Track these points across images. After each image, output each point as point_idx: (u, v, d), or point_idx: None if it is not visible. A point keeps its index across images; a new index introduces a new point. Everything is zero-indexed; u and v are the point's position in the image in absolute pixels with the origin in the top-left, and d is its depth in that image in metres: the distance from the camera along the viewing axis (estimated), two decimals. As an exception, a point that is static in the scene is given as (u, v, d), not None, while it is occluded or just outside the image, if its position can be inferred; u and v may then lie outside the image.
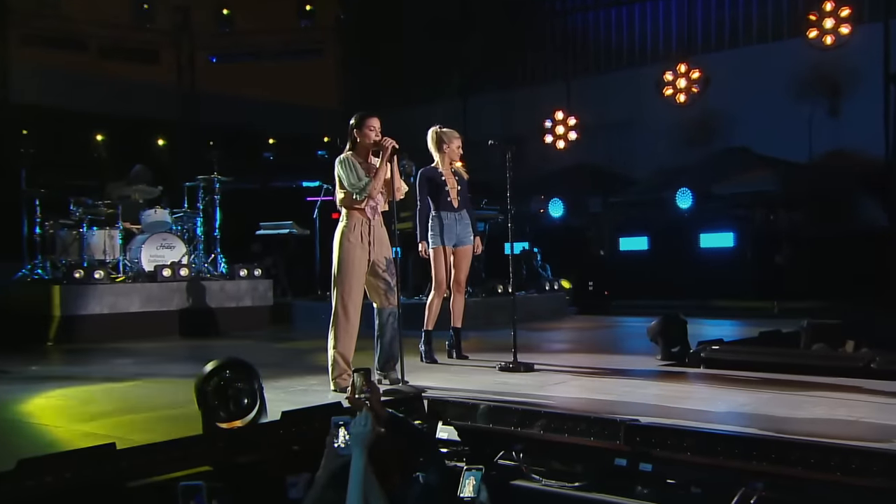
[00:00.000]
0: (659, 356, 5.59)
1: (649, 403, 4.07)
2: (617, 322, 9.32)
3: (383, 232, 4.84)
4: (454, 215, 5.90)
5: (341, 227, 4.77)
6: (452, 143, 5.88)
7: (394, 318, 4.77)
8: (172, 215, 9.02)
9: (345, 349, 4.68)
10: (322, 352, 4.92)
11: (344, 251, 4.70)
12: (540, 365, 5.39)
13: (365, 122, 4.77)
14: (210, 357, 3.73)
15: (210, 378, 3.53)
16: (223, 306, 8.66)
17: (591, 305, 10.62)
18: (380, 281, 4.76)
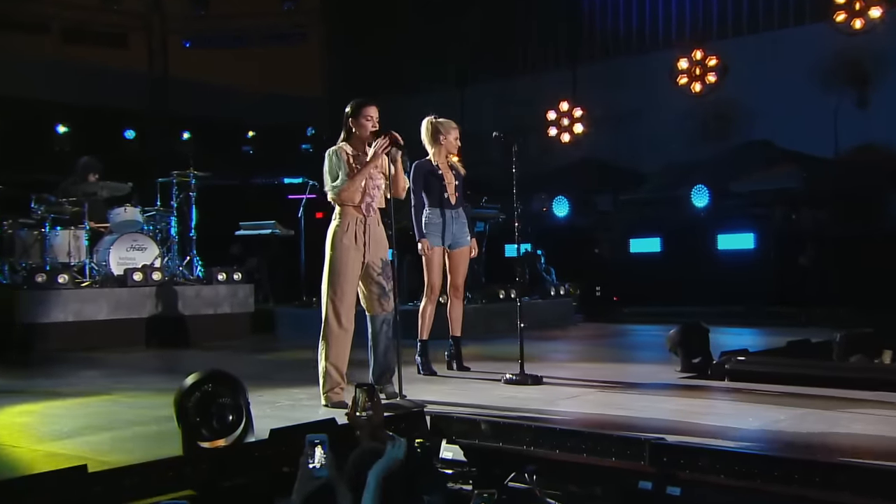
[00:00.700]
0: (678, 368, 5.57)
1: (672, 420, 4.03)
2: (628, 330, 9.33)
3: (380, 231, 4.80)
4: (451, 213, 5.85)
5: (334, 225, 4.72)
6: (450, 134, 5.83)
7: (388, 325, 4.73)
8: (144, 214, 8.97)
9: (337, 360, 4.64)
10: (310, 363, 4.87)
11: (336, 252, 4.65)
12: (549, 377, 5.36)
13: (362, 110, 4.72)
14: (186, 369, 3.67)
15: (191, 392, 3.48)
16: (200, 313, 8.62)
17: (599, 312, 10.61)
18: (373, 285, 4.71)
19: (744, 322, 9.08)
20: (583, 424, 3.82)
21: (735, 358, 5.20)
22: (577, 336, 8.68)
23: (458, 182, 5.87)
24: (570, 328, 9.41)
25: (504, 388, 5.16)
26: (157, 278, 8.44)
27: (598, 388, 5.09)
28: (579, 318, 10.07)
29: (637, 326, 9.54)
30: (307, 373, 5.78)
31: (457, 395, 4.90)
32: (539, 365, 5.91)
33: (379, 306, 4.72)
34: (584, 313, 10.28)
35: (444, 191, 5.81)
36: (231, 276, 9.01)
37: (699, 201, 11.08)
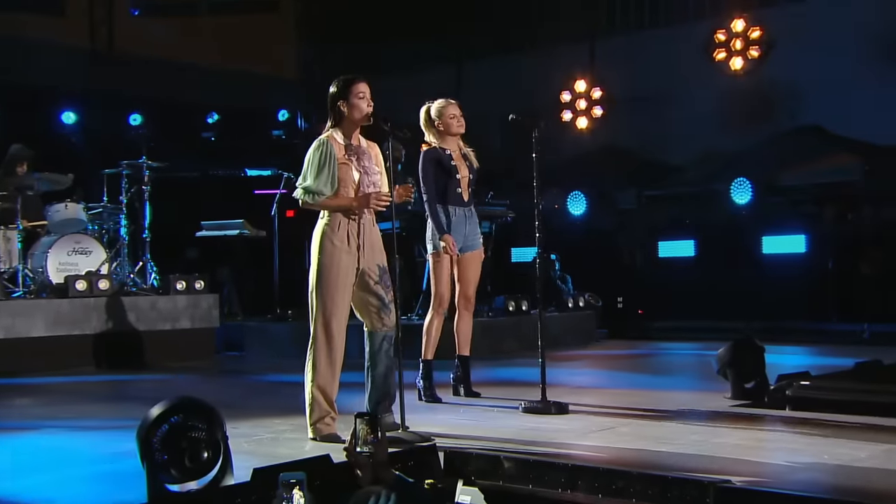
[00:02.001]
0: (728, 394, 5.53)
1: (732, 457, 3.96)
2: (660, 349, 9.33)
3: (376, 234, 4.74)
4: (464, 211, 5.79)
5: (322, 225, 4.66)
6: (445, 112, 5.76)
7: (389, 343, 4.67)
8: (88, 212, 8.93)
9: (326, 384, 4.58)
10: (289, 387, 4.82)
11: (325, 256, 4.59)
12: (575, 405, 5.33)
13: (351, 88, 4.63)
14: (141, 395, 3.60)
15: (158, 424, 3.40)
16: (155, 329, 8.60)
17: (624, 328, 10.57)
18: (371, 296, 4.65)
19: (795, 339, 9.07)
20: (628, 463, 3.74)
21: (797, 383, 5.14)
22: (601, 356, 8.66)
23: (471, 175, 5.81)
24: (591, 346, 9.40)
25: (523, 418, 5.11)
26: (104, 287, 8.40)
27: (635, 418, 5.04)
28: (602, 334, 10.06)
29: (670, 344, 9.55)
30: (288, 399, 5.79)
31: (468, 427, 4.85)
32: (560, 390, 5.87)
33: (379, 321, 4.66)
34: (608, 329, 10.23)
35: (455, 185, 5.72)
36: (192, 284, 8.98)
37: (740, 197, 11.07)
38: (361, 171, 4.65)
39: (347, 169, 4.61)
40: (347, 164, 4.62)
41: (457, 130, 5.78)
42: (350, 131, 4.67)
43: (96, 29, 13.99)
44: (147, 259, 9.09)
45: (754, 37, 11.81)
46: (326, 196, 4.57)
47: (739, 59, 11.82)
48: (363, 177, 4.65)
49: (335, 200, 4.58)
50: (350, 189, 4.62)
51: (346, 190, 4.61)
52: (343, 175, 4.59)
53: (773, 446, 4.32)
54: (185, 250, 11.33)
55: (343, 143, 4.65)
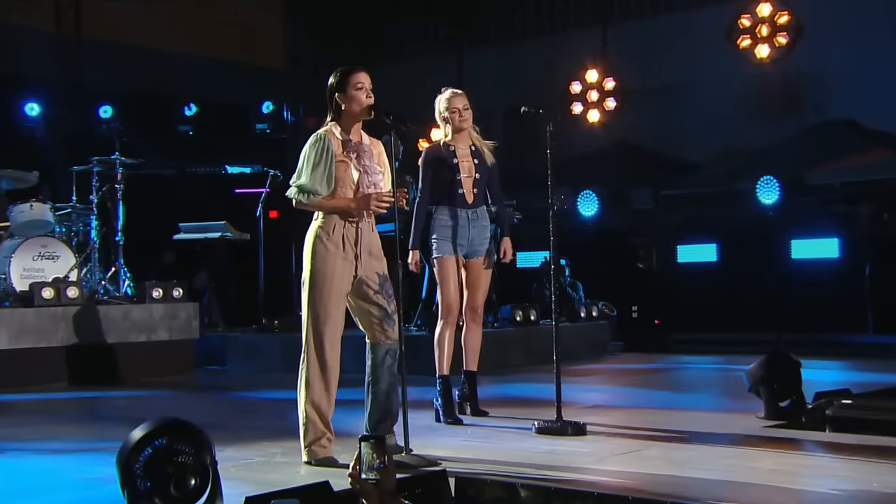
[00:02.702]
0: (761, 413, 5.51)
1: (769, 484, 3.95)
2: (681, 363, 9.35)
3: (375, 239, 4.71)
4: (467, 214, 5.76)
5: (315, 227, 4.64)
6: (448, 104, 5.75)
7: (392, 358, 4.65)
8: (55, 212, 8.90)
9: (321, 402, 4.57)
10: (279, 405, 4.80)
11: (318, 262, 4.57)
12: (593, 425, 5.31)
13: (349, 79, 4.62)
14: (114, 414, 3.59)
15: (140, 448, 3.37)
16: (129, 341, 8.58)
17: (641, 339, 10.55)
18: (372, 306, 4.63)
19: (828, 352, 9.06)
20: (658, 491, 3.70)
21: (838, 401, 5.10)
22: (617, 371, 8.66)
23: (479, 174, 5.78)
24: (606, 360, 9.39)
25: (537, 440, 5.10)
26: (72, 295, 8.36)
27: (660, 440, 5.03)
28: (617, 346, 10.06)
29: (691, 358, 9.57)
30: (278, 419, 5.81)
31: (477, 449, 4.84)
32: (575, 408, 5.89)
33: (381, 333, 4.64)
34: (624, 341, 10.23)
35: (457, 185, 5.71)
36: (169, 292, 8.97)
37: (766, 197, 11.03)
38: (361, 170, 4.62)
39: (346, 167, 4.58)
40: (346, 162, 4.59)
41: (458, 125, 5.76)
42: (349, 126, 4.64)
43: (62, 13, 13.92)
44: (120, 264, 9.05)
45: (782, 22, 11.79)
46: (322, 196, 4.54)
47: (766, 46, 11.81)
48: (363, 176, 4.62)
49: (331, 201, 4.56)
50: (348, 189, 4.59)
51: (344, 190, 4.58)
52: (341, 173, 4.56)
53: (813, 472, 4.28)
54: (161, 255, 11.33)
55: (343, 139, 4.62)
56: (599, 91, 13.13)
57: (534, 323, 9.30)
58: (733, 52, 12.14)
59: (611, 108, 13.09)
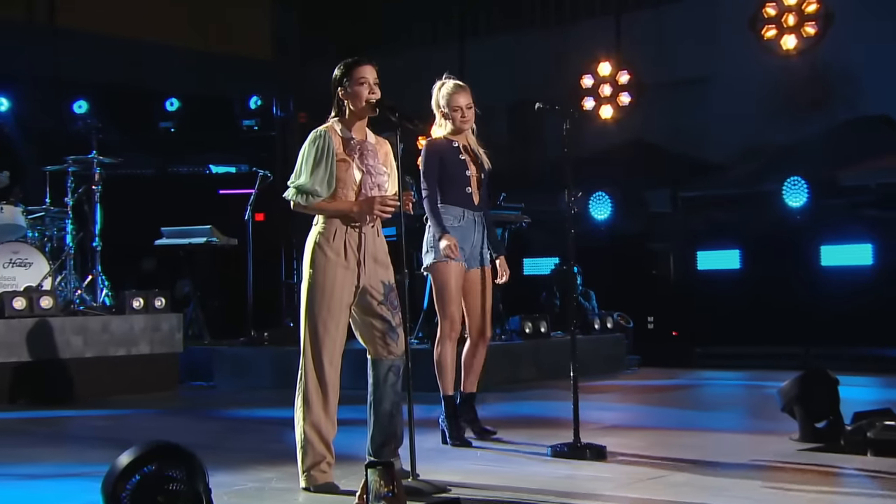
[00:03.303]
0: (796, 435, 5.50)
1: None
2: (702, 379, 9.41)
3: (380, 245, 4.71)
4: (474, 216, 5.70)
5: (315, 234, 4.64)
6: (450, 101, 5.66)
7: (396, 375, 4.65)
8: (27, 216, 8.93)
9: (320, 423, 4.56)
10: (272, 425, 4.79)
11: (318, 271, 4.56)
12: (614, 448, 5.32)
13: (353, 73, 4.63)
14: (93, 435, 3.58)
15: (128, 475, 3.38)
16: (107, 355, 8.57)
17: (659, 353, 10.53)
18: (374, 319, 4.63)
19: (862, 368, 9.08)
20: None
21: (879, 423, 5.07)
22: (635, 387, 8.68)
23: (482, 175, 5.74)
24: (622, 375, 9.39)
25: (554, 464, 5.10)
26: (46, 306, 8.35)
27: (687, 465, 5.00)
28: (634, 360, 10.07)
29: (714, 374, 9.61)
30: (272, 440, 5.84)
31: (489, 474, 4.83)
32: (592, 429, 5.90)
33: (384, 348, 4.63)
34: (641, 354, 10.24)
35: (464, 183, 5.64)
36: (151, 302, 8.96)
37: (793, 200, 11.00)
38: (364, 171, 4.61)
39: (347, 167, 4.58)
40: (347, 162, 4.58)
41: (459, 126, 5.69)
42: (352, 123, 4.65)
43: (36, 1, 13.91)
44: (98, 272, 9.07)
45: (810, 10, 11.75)
46: (322, 197, 4.53)
47: (792, 36, 11.75)
48: (366, 177, 4.62)
49: (332, 204, 4.55)
50: (350, 191, 4.59)
51: (346, 191, 4.58)
52: (342, 174, 4.56)
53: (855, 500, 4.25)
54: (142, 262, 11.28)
55: (345, 137, 4.62)
56: (613, 85, 13.07)
57: (544, 335, 9.30)
58: (757, 43, 12.11)
59: (625, 103, 13.02)
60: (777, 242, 11.22)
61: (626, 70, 13.05)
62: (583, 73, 13.15)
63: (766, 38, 12.00)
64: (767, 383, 8.66)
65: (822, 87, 12.07)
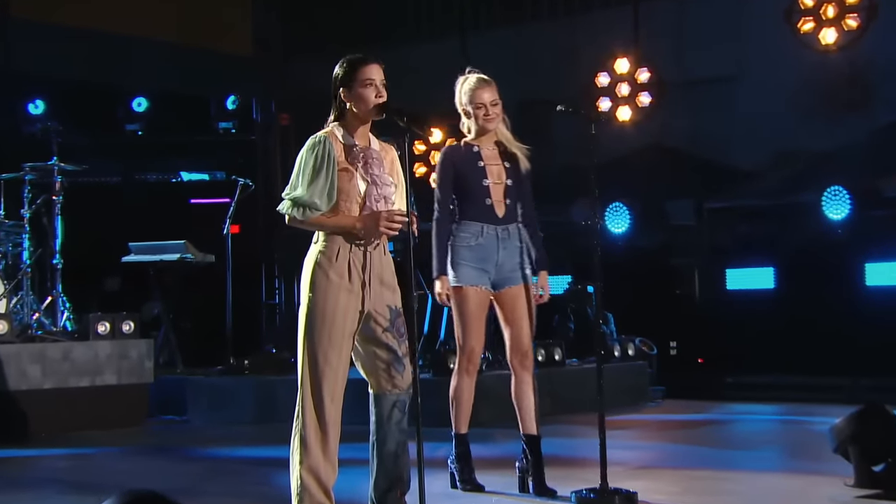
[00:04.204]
0: (851, 480, 5.41)
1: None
2: (734, 413, 9.41)
3: (387, 264, 4.66)
4: (496, 231, 5.58)
5: (315, 253, 4.59)
6: (477, 98, 5.56)
7: (402, 411, 4.61)
8: (-22, 231, 8.98)
9: (319, 467, 4.50)
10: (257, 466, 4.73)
11: (318, 295, 4.51)
12: (645, 493, 5.27)
13: (357, 72, 4.58)
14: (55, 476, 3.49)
15: None
16: (69, 386, 8.55)
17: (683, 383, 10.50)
18: (379, 348, 4.58)
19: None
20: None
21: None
22: (661, 422, 8.68)
23: (511, 181, 5.60)
24: (646, 408, 9.36)
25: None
26: (0, 331, 8.34)
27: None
28: (659, 392, 10.06)
29: (748, 407, 9.60)
30: (257, 483, 5.84)
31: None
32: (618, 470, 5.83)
33: (388, 381, 4.58)
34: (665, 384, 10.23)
35: (482, 194, 5.54)
36: (118, 326, 8.94)
37: (834, 211, 10.97)
38: (369, 181, 4.56)
39: (350, 176, 4.53)
40: (350, 171, 4.53)
41: (483, 125, 5.59)
42: (355, 128, 4.60)
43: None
44: (58, 293, 9.05)
45: (852, 1, 11.73)
46: (321, 211, 4.49)
47: (832, 30, 11.74)
48: (371, 188, 4.56)
49: (333, 219, 4.51)
50: (353, 203, 4.54)
51: (348, 204, 4.53)
52: (344, 185, 4.51)
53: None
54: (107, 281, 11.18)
55: (347, 144, 4.57)
56: (631, 84, 13.00)
57: (558, 363, 9.25)
58: (793, 37, 12.09)
59: (645, 104, 12.97)
60: (815, 259, 11.18)
61: (646, 67, 13.01)
62: (597, 71, 13.10)
63: (803, 32, 11.97)
64: (808, 418, 8.67)
65: (863, 86, 12.06)
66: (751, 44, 12.67)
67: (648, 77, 12.99)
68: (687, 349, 11.77)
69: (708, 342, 11.61)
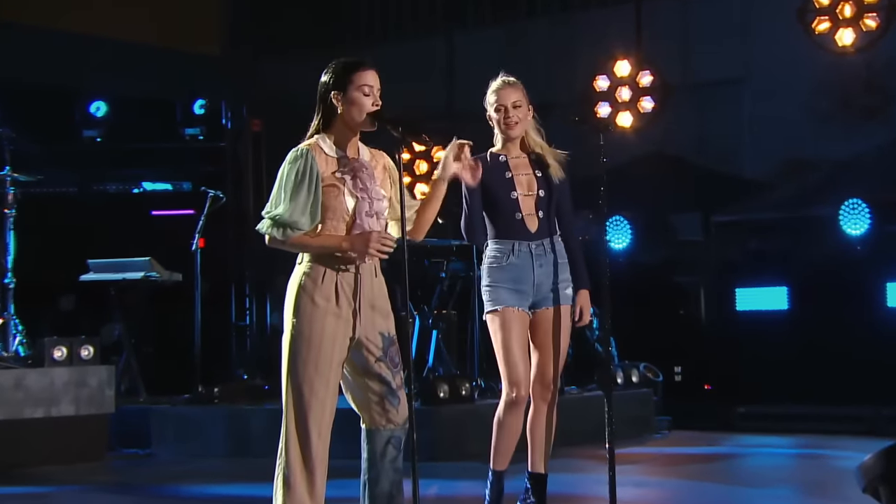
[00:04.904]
0: (881, 522, 5.36)
1: None
2: (748, 445, 9.40)
3: (379, 288, 4.63)
4: (530, 248, 5.47)
5: (299, 274, 4.55)
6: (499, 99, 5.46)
7: (397, 448, 4.57)
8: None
9: None
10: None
11: (304, 320, 4.48)
12: None
13: (352, 77, 4.52)
14: None
15: None
16: (22, 417, 8.49)
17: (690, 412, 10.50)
18: (371, 379, 4.55)
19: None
20: None
21: None
22: (671, 456, 8.72)
23: (543, 192, 5.50)
24: (652, 440, 9.33)
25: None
26: None
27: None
28: (665, 422, 10.03)
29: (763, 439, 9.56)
30: None
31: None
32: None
33: (381, 415, 4.54)
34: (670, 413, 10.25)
35: (512, 208, 5.43)
36: (76, 351, 8.87)
37: (853, 227, 11.00)
38: (359, 197, 4.51)
39: (337, 192, 4.48)
40: (337, 187, 4.48)
41: (504, 131, 5.49)
42: (345, 139, 4.56)
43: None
44: (10, 315, 9.00)
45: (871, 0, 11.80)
46: (303, 230, 4.45)
47: (849, 30, 11.78)
48: (361, 204, 4.51)
49: (317, 239, 4.48)
50: (340, 221, 4.51)
51: (335, 223, 4.50)
52: (330, 201, 4.47)
53: None
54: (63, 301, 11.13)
55: (334, 156, 4.53)
56: (632, 88, 13.02)
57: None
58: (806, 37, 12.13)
59: (647, 109, 13.00)
60: (833, 278, 11.19)
61: (649, 69, 13.04)
62: (596, 74, 13.11)
63: (818, 32, 12.01)
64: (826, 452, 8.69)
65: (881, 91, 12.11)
66: (761, 44, 12.73)
67: (651, 80, 13.02)
68: (692, 375, 11.77)
69: (715, 368, 11.63)
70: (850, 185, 11.24)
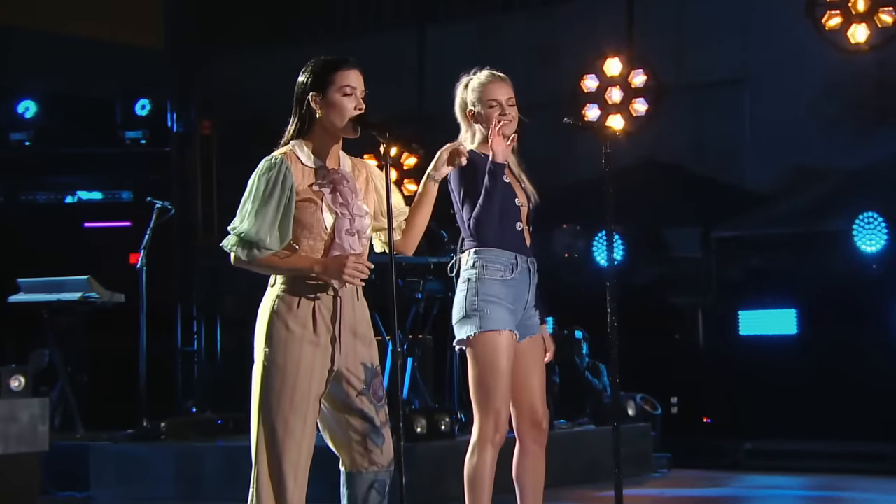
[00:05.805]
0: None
1: None
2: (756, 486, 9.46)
3: (361, 312, 4.62)
4: (527, 265, 5.36)
5: (271, 298, 4.53)
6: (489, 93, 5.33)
7: (381, 494, 4.56)
8: None
9: None
10: None
11: (278, 350, 4.45)
12: None
13: (333, 76, 4.51)
14: None
15: None
16: None
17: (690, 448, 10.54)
18: (352, 415, 4.53)
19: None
20: None
21: None
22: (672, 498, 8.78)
23: (530, 205, 5.39)
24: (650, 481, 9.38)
25: None
26: None
27: None
28: (664, 459, 10.06)
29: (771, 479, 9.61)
30: None
31: None
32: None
33: (364, 456, 4.53)
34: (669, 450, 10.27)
35: (513, 216, 5.31)
36: (4, 382, 8.73)
37: (867, 243, 11.06)
38: (339, 213, 4.48)
39: (314, 208, 4.46)
40: (315, 201, 4.46)
41: (494, 130, 5.26)
42: (325, 147, 4.54)
43: None
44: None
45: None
46: (272, 250, 4.42)
47: (863, 27, 11.86)
48: (341, 220, 4.49)
49: (288, 259, 4.45)
50: (317, 240, 4.49)
51: (311, 241, 4.48)
52: (306, 217, 4.45)
53: None
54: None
55: (312, 166, 4.51)
56: (624, 89, 13.07)
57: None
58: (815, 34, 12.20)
59: (640, 112, 13.05)
60: (846, 299, 11.23)
61: (642, 69, 13.07)
62: (584, 73, 13.14)
63: (828, 29, 12.07)
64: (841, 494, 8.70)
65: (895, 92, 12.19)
66: (763, 42, 12.83)
67: (644, 80, 13.06)
68: (691, 407, 11.78)
69: (716, 399, 11.65)
70: (864, 197, 11.30)
